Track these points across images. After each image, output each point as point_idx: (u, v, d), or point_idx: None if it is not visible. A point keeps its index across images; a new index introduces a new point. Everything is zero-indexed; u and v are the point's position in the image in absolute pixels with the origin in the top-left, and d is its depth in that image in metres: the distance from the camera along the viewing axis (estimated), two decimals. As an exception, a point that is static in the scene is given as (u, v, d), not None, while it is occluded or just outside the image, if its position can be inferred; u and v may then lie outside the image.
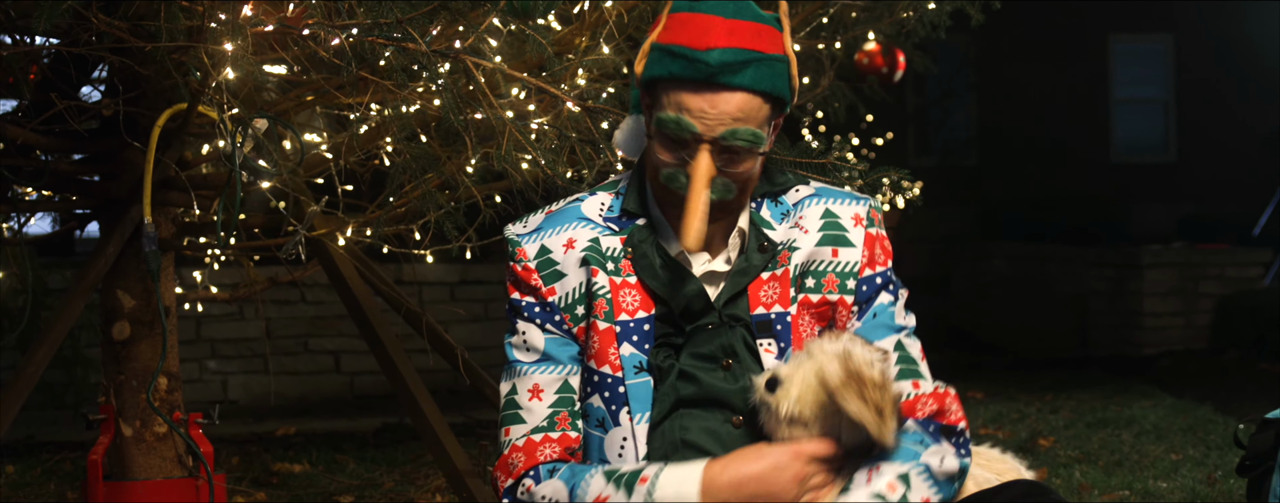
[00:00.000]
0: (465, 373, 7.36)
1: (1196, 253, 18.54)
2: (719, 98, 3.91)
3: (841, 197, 4.20)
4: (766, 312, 4.07)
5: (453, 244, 6.88)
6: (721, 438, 4.03)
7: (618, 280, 4.10)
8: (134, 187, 6.72)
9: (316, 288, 12.85)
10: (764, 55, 3.94)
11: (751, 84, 3.91)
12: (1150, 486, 7.69)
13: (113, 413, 6.54)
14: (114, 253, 6.71)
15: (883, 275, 4.14)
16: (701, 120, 3.91)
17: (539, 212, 4.30)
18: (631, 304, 4.09)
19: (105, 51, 6.21)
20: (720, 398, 4.04)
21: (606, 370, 4.08)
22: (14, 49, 6.59)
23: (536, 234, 4.21)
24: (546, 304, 4.15)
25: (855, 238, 4.13)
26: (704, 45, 3.90)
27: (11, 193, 6.83)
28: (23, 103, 6.99)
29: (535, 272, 4.17)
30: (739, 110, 3.92)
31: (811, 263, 4.10)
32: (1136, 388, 13.11)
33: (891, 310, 4.13)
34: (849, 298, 4.10)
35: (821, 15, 8.03)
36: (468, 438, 9.35)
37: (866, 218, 4.16)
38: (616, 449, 4.06)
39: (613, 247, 4.14)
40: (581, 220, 4.19)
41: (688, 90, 3.92)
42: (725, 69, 3.89)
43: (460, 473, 6.77)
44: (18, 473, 8.82)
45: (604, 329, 4.08)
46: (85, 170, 7.01)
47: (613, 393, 4.07)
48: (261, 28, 5.72)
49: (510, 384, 4.19)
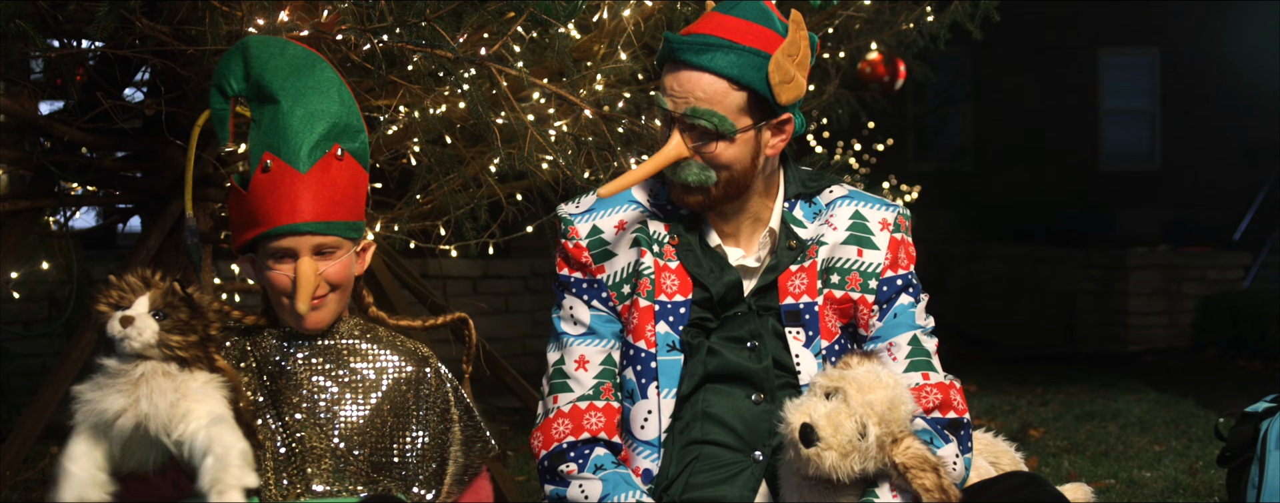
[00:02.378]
0: (486, 363, 7.35)
1: (1179, 255, 18.56)
2: (686, 76, 3.96)
3: (872, 202, 4.21)
4: (795, 302, 4.08)
5: (475, 240, 6.87)
6: (742, 413, 4.05)
7: (661, 262, 4.11)
8: (174, 183, 6.71)
9: (346, 281, 12.82)
10: (735, 44, 3.96)
11: (717, 67, 3.94)
12: (1135, 475, 7.68)
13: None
14: (155, 245, 6.70)
15: (904, 278, 4.13)
16: (671, 97, 3.97)
17: (590, 193, 4.31)
18: (671, 286, 4.10)
19: (148, 54, 6.20)
20: (745, 375, 4.06)
21: (641, 345, 4.09)
22: (62, 52, 6.58)
23: (589, 214, 4.22)
24: (595, 282, 4.17)
25: (880, 241, 4.13)
26: (689, 31, 3.98)
27: (58, 188, 6.82)
28: (70, 103, 6.98)
29: (587, 250, 4.18)
30: (702, 91, 3.95)
31: (836, 260, 4.10)
32: (1122, 383, 13.10)
33: (912, 311, 4.12)
34: (870, 297, 4.09)
35: (827, 26, 8.02)
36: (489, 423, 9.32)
37: (893, 223, 4.17)
38: (640, 421, 4.08)
39: (659, 231, 4.15)
40: (632, 203, 4.21)
41: (666, 69, 4.00)
42: (689, 48, 3.94)
43: (481, 457, 6.76)
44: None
45: (645, 307, 4.09)
46: (128, 167, 7.01)
47: (644, 367, 4.08)
48: (297, 32, 5.71)
49: (558, 354, 4.21)
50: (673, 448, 4.05)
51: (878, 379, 3.81)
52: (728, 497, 4.01)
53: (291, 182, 4.01)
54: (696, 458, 4.04)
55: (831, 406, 3.78)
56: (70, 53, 6.61)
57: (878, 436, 3.75)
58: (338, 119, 4.11)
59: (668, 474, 4.03)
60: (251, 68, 4.14)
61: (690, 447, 4.05)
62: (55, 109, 7.16)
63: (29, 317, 9.52)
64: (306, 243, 4.04)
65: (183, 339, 3.74)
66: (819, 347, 4.06)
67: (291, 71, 4.12)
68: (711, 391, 4.06)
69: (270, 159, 4.01)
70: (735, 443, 4.04)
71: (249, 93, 4.14)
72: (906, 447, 3.77)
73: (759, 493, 4.03)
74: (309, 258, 4.03)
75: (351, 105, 4.17)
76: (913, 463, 3.74)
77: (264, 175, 4.02)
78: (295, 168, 4.01)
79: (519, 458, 8.65)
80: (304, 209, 4.02)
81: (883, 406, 3.76)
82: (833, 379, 3.84)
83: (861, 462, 3.76)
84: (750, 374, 4.06)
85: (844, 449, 3.74)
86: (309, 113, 4.07)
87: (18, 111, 6.53)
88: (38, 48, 6.24)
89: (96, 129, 6.65)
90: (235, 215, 4.12)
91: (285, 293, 4.06)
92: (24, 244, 6.90)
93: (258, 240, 4.06)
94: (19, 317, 9.52)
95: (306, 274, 4.00)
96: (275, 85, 4.09)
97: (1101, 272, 18.56)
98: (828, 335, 4.08)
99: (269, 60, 4.14)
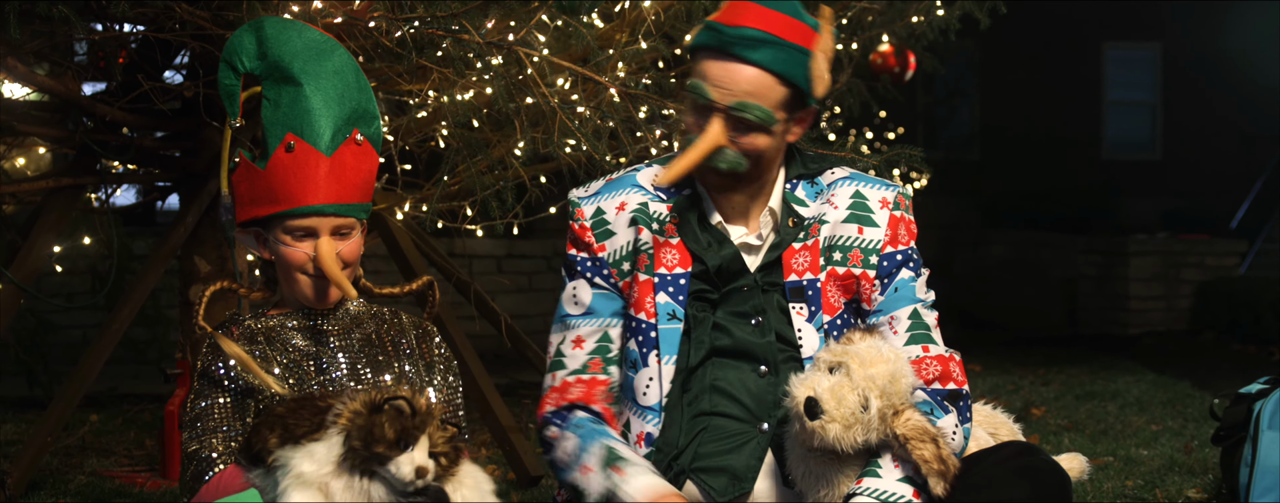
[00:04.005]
0: (509, 338, 7.36)
1: (1178, 243, 18.54)
2: (734, 68, 3.93)
3: (872, 182, 4.21)
4: (798, 278, 4.08)
5: (501, 220, 6.87)
6: (748, 386, 4.05)
7: (661, 239, 4.12)
8: (211, 162, 6.72)
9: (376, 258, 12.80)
10: (784, 41, 3.95)
11: (766, 62, 3.93)
12: (1132, 453, 7.66)
13: (189, 368, 6.53)
14: (192, 222, 6.71)
15: (904, 253, 4.13)
16: (717, 88, 3.93)
17: (600, 179, 4.34)
18: (671, 261, 4.10)
19: (188, 38, 6.21)
20: (750, 350, 4.06)
21: (642, 317, 4.10)
22: (104, 35, 6.59)
23: (595, 198, 4.23)
24: (597, 260, 4.17)
25: (880, 219, 4.12)
26: (734, 22, 3.93)
27: (100, 166, 6.83)
28: (112, 84, 6.99)
29: (590, 230, 4.19)
30: (751, 84, 3.93)
31: (838, 237, 4.10)
32: (1121, 364, 13.07)
33: (913, 285, 4.12)
34: (871, 272, 4.09)
35: (841, 18, 8.02)
36: (511, 397, 9.35)
37: (893, 202, 4.16)
38: (643, 387, 4.09)
39: (660, 211, 4.15)
40: (635, 187, 4.20)
41: (710, 58, 3.96)
42: (741, 42, 3.92)
43: (505, 429, 6.77)
44: (101, 422, 8.83)
45: (644, 281, 4.11)
46: (167, 147, 7.02)
47: (645, 337, 4.09)
48: (330, 18, 5.71)
49: (560, 337, 4.23)
50: (682, 419, 4.06)
51: (879, 354, 3.82)
52: (735, 466, 4.03)
53: (315, 163, 4.01)
54: (705, 429, 4.05)
55: (835, 380, 3.78)
56: (113, 36, 6.63)
57: (879, 408, 3.76)
58: (357, 104, 4.10)
59: (677, 444, 4.04)
60: (267, 47, 4.11)
61: (699, 419, 4.06)
62: (98, 90, 7.18)
63: (71, 290, 9.52)
64: (327, 223, 4.04)
65: (450, 465, 3.71)
66: (821, 322, 4.07)
67: (312, 54, 4.10)
68: (718, 365, 4.07)
69: (294, 140, 4.00)
70: (742, 414, 4.05)
71: (264, 72, 4.12)
72: (907, 419, 3.77)
73: (764, 462, 4.04)
74: (328, 238, 4.03)
75: (368, 90, 4.17)
76: (913, 435, 3.74)
77: (287, 155, 4.00)
78: (320, 150, 4.01)
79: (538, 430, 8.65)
80: (327, 191, 4.02)
81: (884, 379, 3.77)
82: (836, 354, 3.85)
83: (864, 434, 3.77)
84: (755, 349, 4.07)
85: (847, 422, 3.75)
86: (331, 97, 4.06)
87: (61, 92, 6.55)
88: (80, 32, 6.24)
89: (137, 110, 6.66)
90: (245, 190, 4.09)
91: (301, 269, 4.06)
92: (66, 220, 6.91)
93: (274, 217, 4.05)
94: (61, 289, 9.53)
95: (329, 254, 4.00)
96: (295, 67, 4.07)
97: (1103, 257, 18.55)
98: (830, 310, 4.08)
99: (288, 42, 4.11)
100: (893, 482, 3.80)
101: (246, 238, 4.20)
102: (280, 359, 4.10)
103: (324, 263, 4.01)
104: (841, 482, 3.86)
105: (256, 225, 4.13)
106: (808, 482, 3.91)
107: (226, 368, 4.00)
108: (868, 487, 3.81)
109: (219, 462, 3.94)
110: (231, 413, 4.02)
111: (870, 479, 3.82)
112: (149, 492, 6.64)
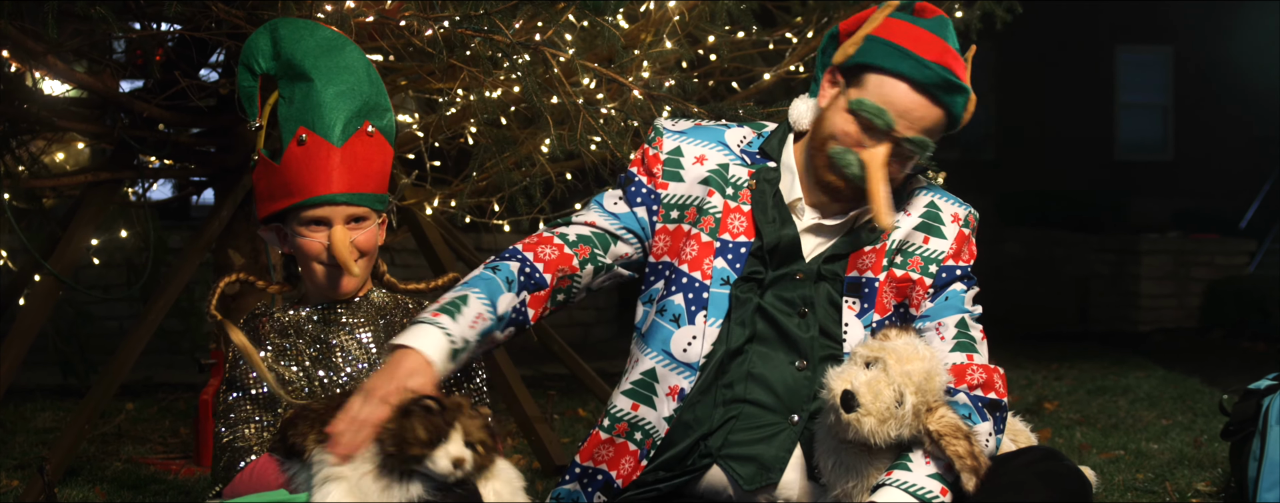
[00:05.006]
0: (534, 331, 7.36)
1: (1189, 242, 18.51)
2: (928, 107, 3.90)
3: (949, 197, 4.22)
4: (859, 275, 4.06)
5: (527, 215, 6.87)
6: (784, 377, 4.04)
7: (732, 205, 4.09)
8: (245, 157, 6.73)
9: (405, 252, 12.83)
10: (964, 87, 3.94)
11: (953, 108, 3.93)
12: (1143, 447, 7.64)
13: (222, 358, 6.54)
14: (227, 216, 6.71)
15: (962, 269, 4.13)
16: (904, 118, 3.89)
17: (690, 119, 4.31)
18: (737, 228, 4.08)
19: (223, 37, 6.21)
20: (791, 341, 4.04)
21: (697, 275, 4.07)
22: (142, 34, 6.60)
23: (680, 136, 4.21)
24: (653, 192, 4.15)
25: (949, 232, 4.13)
26: (932, 57, 3.88)
27: (137, 161, 6.85)
28: (149, 81, 7.00)
29: (661, 163, 4.16)
30: (934, 123, 3.93)
31: (905, 243, 4.08)
32: (1132, 360, 13.05)
33: (963, 297, 4.11)
34: (928, 280, 4.07)
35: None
36: (536, 389, 9.34)
37: (964, 220, 4.17)
38: (684, 344, 4.06)
39: (739, 176, 4.13)
40: (721, 145, 4.18)
41: (907, 89, 3.90)
42: (948, 87, 3.89)
43: (530, 419, 6.77)
44: (137, 410, 8.84)
45: (706, 242, 4.07)
46: (202, 143, 7.03)
47: (696, 296, 4.05)
48: (362, 18, 5.72)
49: (581, 208, 4.24)
50: (717, 400, 4.04)
51: (915, 351, 3.81)
52: (764, 455, 4.01)
53: (326, 155, 4.02)
54: (737, 416, 4.03)
55: (872, 374, 3.77)
56: (150, 35, 6.64)
57: (914, 404, 3.75)
58: (368, 98, 4.11)
59: (711, 422, 4.02)
60: (281, 48, 4.13)
61: (733, 405, 4.04)
62: (135, 87, 7.18)
63: (108, 281, 9.54)
64: (340, 213, 4.05)
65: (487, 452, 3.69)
66: (871, 319, 4.05)
67: (323, 52, 4.11)
68: (757, 352, 4.05)
69: (305, 133, 4.01)
70: (775, 405, 4.03)
71: (279, 71, 4.13)
72: (940, 415, 3.77)
73: (794, 453, 4.03)
74: (342, 226, 4.03)
75: (379, 85, 4.17)
76: (946, 431, 3.74)
77: (299, 149, 4.01)
78: (330, 142, 4.01)
79: (564, 421, 8.65)
80: (338, 181, 4.03)
81: (920, 376, 3.76)
82: (873, 349, 3.84)
83: (898, 428, 3.76)
84: (796, 340, 4.05)
85: (882, 416, 3.74)
86: (341, 91, 4.07)
87: (100, 89, 6.56)
88: (118, 30, 6.25)
89: (173, 106, 6.68)
90: (264, 186, 4.11)
91: (317, 259, 4.07)
92: (104, 213, 6.92)
93: (290, 210, 4.06)
94: (98, 281, 9.55)
95: (342, 240, 4.01)
96: (308, 64, 4.08)
97: (1115, 256, 18.53)
98: (882, 310, 4.06)
99: (300, 41, 4.13)
100: (923, 476, 3.78)
101: (268, 235, 4.20)
102: (307, 351, 4.10)
103: (336, 247, 4.01)
104: (871, 474, 3.86)
105: (276, 220, 4.14)
106: (837, 473, 3.90)
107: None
108: (898, 478, 3.79)
109: (252, 452, 3.95)
110: (263, 405, 4.03)
111: (900, 472, 3.80)
112: (183, 478, 6.65)
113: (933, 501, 3.78)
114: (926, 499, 3.77)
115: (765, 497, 4.04)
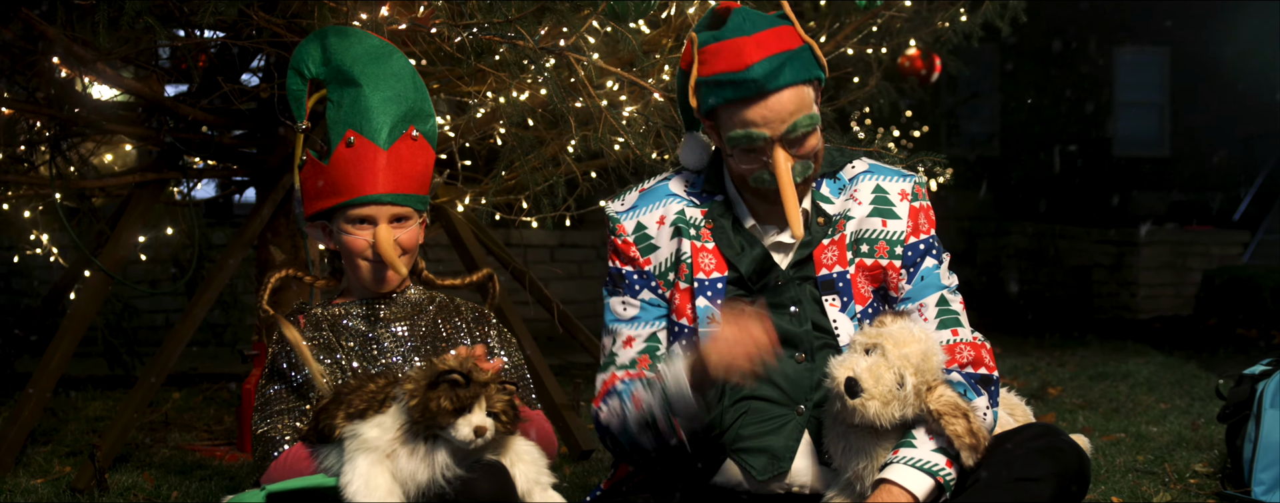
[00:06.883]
0: (561, 323, 7.37)
1: (1185, 234, 18.50)
2: (772, 102, 3.86)
3: (889, 174, 4.18)
4: (829, 272, 4.06)
5: (553, 213, 6.87)
6: (787, 371, 4.04)
7: (698, 245, 4.09)
8: (286, 158, 6.73)
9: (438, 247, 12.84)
10: (792, 52, 3.89)
11: (793, 79, 3.88)
12: (1142, 430, 7.62)
13: (264, 350, 6.55)
14: (268, 214, 6.72)
15: (926, 242, 4.10)
16: (767, 126, 3.87)
17: (633, 189, 4.28)
18: (708, 266, 4.07)
19: (264, 44, 6.22)
20: (788, 337, 4.02)
21: (684, 322, 4.08)
22: (186, 41, 6.62)
23: (633, 212, 4.19)
24: (644, 273, 4.14)
25: (901, 211, 4.10)
26: (743, 65, 3.85)
27: (182, 162, 6.86)
28: (193, 86, 7.02)
29: (634, 245, 4.15)
30: (792, 104, 3.88)
31: (864, 231, 4.07)
32: (1132, 347, 13.01)
33: (937, 272, 4.09)
34: (897, 262, 4.07)
35: (871, 24, 8.00)
36: (563, 377, 9.35)
37: (911, 193, 4.13)
38: None
39: (695, 216, 4.13)
40: (670, 197, 4.17)
41: (744, 108, 3.88)
42: (769, 77, 3.84)
43: (558, 406, 6.78)
44: (182, 399, 8.86)
45: (684, 289, 4.08)
46: (244, 144, 7.04)
47: (688, 341, 4.06)
48: (396, 25, 5.72)
49: (610, 338, 4.19)
50: (725, 401, 4.04)
51: (911, 334, 3.83)
52: (774, 446, 4.03)
53: (373, 156, 4.04)
54: (745, 412, 4.04)
55: (871, 360, 3.79)
56: (194, 42, 6.65)
57: (914, 385, 3.77)
58: (413, 104, 4.13)
59: (722, 423, 4.03)
60: (330, 54, 4.15)
61: (741, 402, 4.05)
62: (180, 92, 7.21)
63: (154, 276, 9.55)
64: (385, 212, 4.07)
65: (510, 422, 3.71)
66: (853, 311, 4.05)
67: (371, 59, 4.14)
68: None
69: (354, 136, 4.03)
70: (780, 398, 4.04)
71: (328, 76, 4.15)
72: (939, 395, 3.78)
73: (802, 442, 4.03)
74: (386, 225, 4.05)
75: (423, 92, 4.19)
76: (945, 410, 3.75)
77: (348, 150, 4.03)
78: (377, 144, 4.03)
79: (589, 408, 8.65)
80: (384, 181, 4.05)
81: (917, 357, 3.78)
82: (871, 336, 3.85)
83: (901, 409, 3.78)
84: (793, 337, 4.05)
85: (885, 398, 3.75)
86: (388, 97, 4.09)
87: (147, 93, 6.57)
88: (164, 38, 6.27)
89: (216, 110, 6.69)
90: (311, 186, 4.13)
91: (362, 255, 4.10)
92: (151, 212, 6.94)
93: (337, 208, 4.07)
94: (145, 276, 9.56)
95: (387, 238, 4.03)
96: (356, 71, 4.11)
97: (1115, 247, 18.52)
98: (861, 300, 4.06)
99: (349, 48, 4.15)
100: (928, 452, 3.81)
101: (314, 231, 4.22)
102: (345, 344, 4.12)
103: (381, 245, 4.04)
104: (879, 454, 3.88)
105: (322, 218, 4.15)
106: (847, 456, 3.91)
107: (292, 356, 4.03)
108: (905, 455, 3.82)
109: (285, 442, 3.96)
110: (298, 397, 4.04)
111: (907, 449, 3.83)
112: (227, 464, 6.66)
113: (939, 472, 3.80)
114: (933, 472, 3.80)
115: (778, 486, 4.05)
